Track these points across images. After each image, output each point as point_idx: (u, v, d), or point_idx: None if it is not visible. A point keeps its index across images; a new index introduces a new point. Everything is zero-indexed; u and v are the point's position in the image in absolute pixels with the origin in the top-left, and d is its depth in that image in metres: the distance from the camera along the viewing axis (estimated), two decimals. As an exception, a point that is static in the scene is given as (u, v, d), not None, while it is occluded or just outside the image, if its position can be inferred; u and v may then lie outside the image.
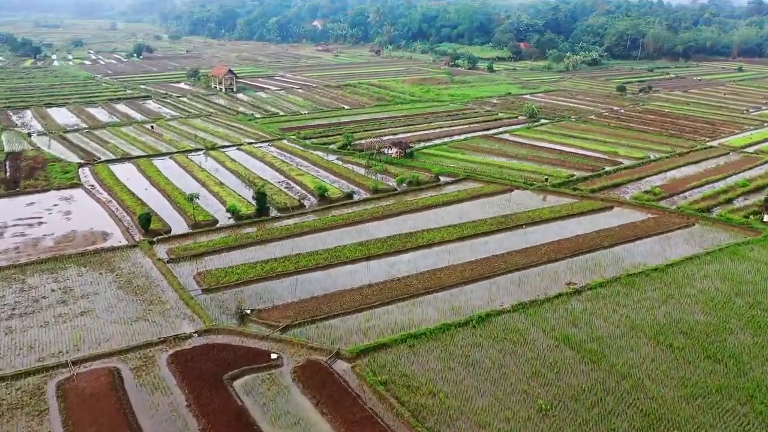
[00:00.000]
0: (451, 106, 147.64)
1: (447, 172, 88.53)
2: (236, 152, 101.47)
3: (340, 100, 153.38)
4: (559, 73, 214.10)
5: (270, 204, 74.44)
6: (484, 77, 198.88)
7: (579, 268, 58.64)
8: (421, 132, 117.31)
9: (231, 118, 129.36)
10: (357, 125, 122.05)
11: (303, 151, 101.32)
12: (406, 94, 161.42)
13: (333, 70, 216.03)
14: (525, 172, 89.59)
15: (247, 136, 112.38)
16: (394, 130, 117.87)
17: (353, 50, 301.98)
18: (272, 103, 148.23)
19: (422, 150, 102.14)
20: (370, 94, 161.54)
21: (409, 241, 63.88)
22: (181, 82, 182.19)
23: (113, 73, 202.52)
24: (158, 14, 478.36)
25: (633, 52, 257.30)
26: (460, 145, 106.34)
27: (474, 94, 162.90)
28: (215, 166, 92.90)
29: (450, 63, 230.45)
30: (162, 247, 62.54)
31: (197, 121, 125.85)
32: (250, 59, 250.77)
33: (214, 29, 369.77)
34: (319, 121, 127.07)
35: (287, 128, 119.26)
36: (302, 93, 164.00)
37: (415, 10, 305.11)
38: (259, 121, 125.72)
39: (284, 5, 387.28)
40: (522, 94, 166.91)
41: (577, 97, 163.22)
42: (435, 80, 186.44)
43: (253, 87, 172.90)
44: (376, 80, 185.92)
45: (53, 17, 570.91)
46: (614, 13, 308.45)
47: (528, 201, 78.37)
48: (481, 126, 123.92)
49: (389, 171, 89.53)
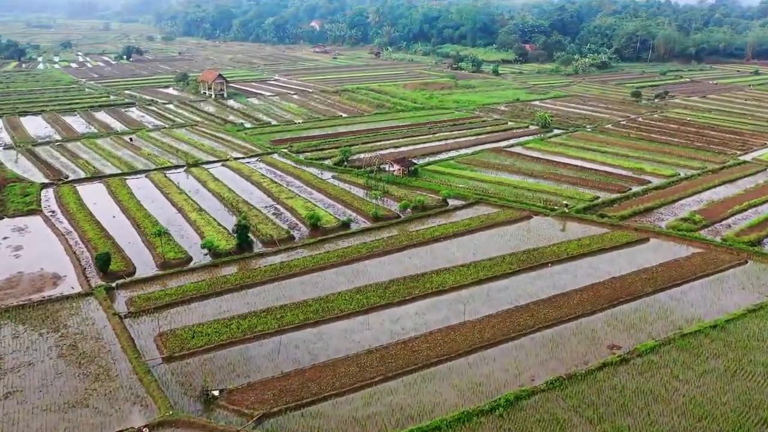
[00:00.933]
0: (456, 114, 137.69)
1: (456, 194, 78.63)
2: (221, 169, 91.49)
3: (337, 107, 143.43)
4: (567, 77, 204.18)
5: (254, 235, 64.61)
6: (490, 81, 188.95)
7: (620, 323, 48.72)
8: (426, 145, 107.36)
9: (219, 128, 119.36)
10: (355, 136, 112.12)
11: (295, 168, 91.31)
12: (408, 101, 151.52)
13: (330, 74, 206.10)
14: (543, 194, 79.68)
15: (234, 150, 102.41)
16: (396, 142, 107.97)
17: (352, 52, 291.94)
18: (264, 110, 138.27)
19: (427, 167, 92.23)
20: (370, 100, 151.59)
21: (415, 287, 53.93)
22: (169, 87, 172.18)
23: (99, 77, 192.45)
24: (153, 14, 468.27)
25: (643, 54, 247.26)
26: (468, 161, 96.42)
27: (480, 101, 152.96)
28: (196, 186, 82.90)
29: (453, 66, 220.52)
30: (122, 294, 52.59)
31: (181, 132, 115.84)
32: (244, 62, 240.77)
33: (209, 30, 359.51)
34: (314, 132, 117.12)
35: (279, 140, 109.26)
36: (297, 99, 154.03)
37: (416, 11, 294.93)
38: (249, 132, 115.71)
39: (281, 5, 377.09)
40: (531, 100, 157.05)
41: (589, 103, 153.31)
42: (438, 85, 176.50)
43: (246, 92, 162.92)
44: (375, 85, 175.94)
45: (47, 17, 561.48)
46: (621, 13, 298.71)
47: (550, 231, 68.44)
48: (491, 137, 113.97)
49: (391, 193, 79.64)
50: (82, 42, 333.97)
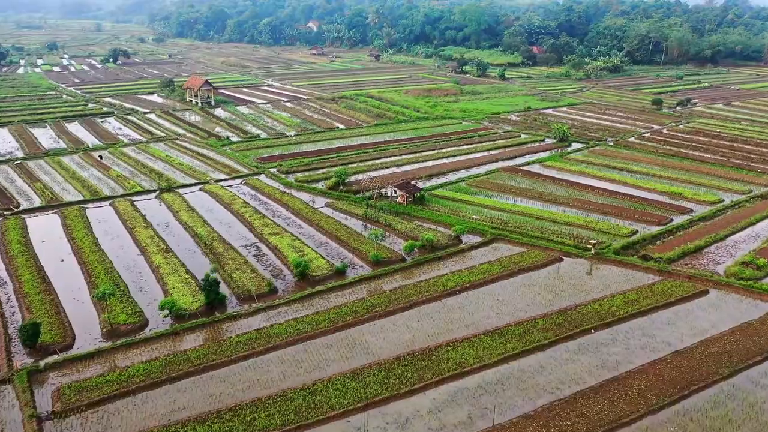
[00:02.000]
0: (463, 125, 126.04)
1: (471, 229, 67.03)
2: (198, 195, 79.81)
3: (333, 117, 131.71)
4: (578, 82, 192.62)
5: (228, 286, 53.06)
6: (497, 86, 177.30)
7: (698, 426, 37.14)
8: (432, 163, 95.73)
9: (201, 142, 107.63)
10: (352, 153, 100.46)
11: (283, 194, 79.56)
12: (410, 109, 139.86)
13: (327, 78, 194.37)
14: (571, 226, 68.25)
15: (216, 170, 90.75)
16: (398, 160, 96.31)
17: (350, 54, 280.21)
18: (254, 121, 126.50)
19: (434, 191, 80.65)
20: (369, 109, 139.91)
21: (427, 367, 42.30)
22: (154, 94, 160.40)
23: (81, 82, 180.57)
24: (147, 15, 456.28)
25: (656, 57, 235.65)
26: (481, 183, 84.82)
27: (488, 109, 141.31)
28: (166, 217, 71.21)
29: (457, 69, 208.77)
30: (51, 379, 41.00)
31: (159, 147, 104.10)
32: (236, 65, 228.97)
33: (202, 31, 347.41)
34: (308, 146, 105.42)
35: (267, 157, 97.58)
36: (290, 108, 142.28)
37: (417, 11, 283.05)
38: (235, 148, 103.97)
39: (278, 5, 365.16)
40: (543, 108, 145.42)
41: (607, 112, 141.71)
42: (442, 91, 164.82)
43: (235, 100, 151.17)
44: (375, 91, 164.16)
45: (39, 17, 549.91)
46: (630, 13, 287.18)
47: (586, 279, 56.83)
48: (504, 153, 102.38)
49: (393, 227, 68.05)
50: (71, 44, 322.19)
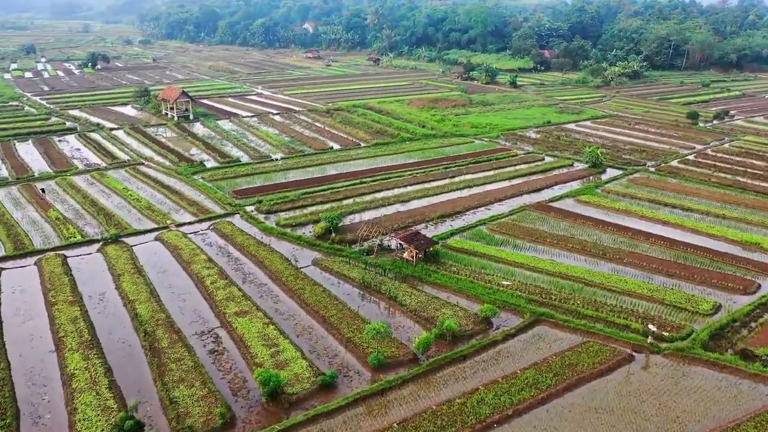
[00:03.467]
0: (476, 144, 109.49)
1: (502, 304, 50.54)
2: (152, 247, 63.24)
3: (327, 134, 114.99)
4: (596, 89, 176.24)
5: (166, 414, 36.62)
6: (509, 95, 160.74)
7: None
8: (443, 197, 79.18)
9: (170, 168, 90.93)
10: (348, 184, 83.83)
11: (259, 247, 62.83)
12: (415, 124, 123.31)
13: (322, 86, 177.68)
14: (631, 297, 52.26)
15: (180, 208, 74.13)
16: (403, 194, 79.70)
17: (348, 57, 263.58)
18: (236, 139, 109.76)
19: (449, 240, 64.23)
20: (368, 124, 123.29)
21: None
22: (128, 105, 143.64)
23: (50, 91, 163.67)
24: (137, 15, 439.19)
25: (676, 62, 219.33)
26: (506, 227, 68.33)
27: (503, 124, 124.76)
28: (104, 285, 54.61)
29: (463, 76, 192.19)
30: None
31: (118, 176, 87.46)
32: (225, 70, 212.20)
33: (192, 32, 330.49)
34: (295, 174, 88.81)
35: (246, 190, 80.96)
36: (279, 122, 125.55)
37: (419, 12, 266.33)
38: (209, 176, 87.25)
39: (272, 5, 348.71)
40: (564, 122, 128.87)
41: (637, 127, 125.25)
42: (449, 101, 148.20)
43: (218, 112, 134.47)
44: (375, 101, 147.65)
45: (28, 18, 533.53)
46: (643, 14, 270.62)
47: (673, 396, 40.33)
48: (527, 183, 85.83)
49: (401, 300, 51.57)
50: (54, 45, 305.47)
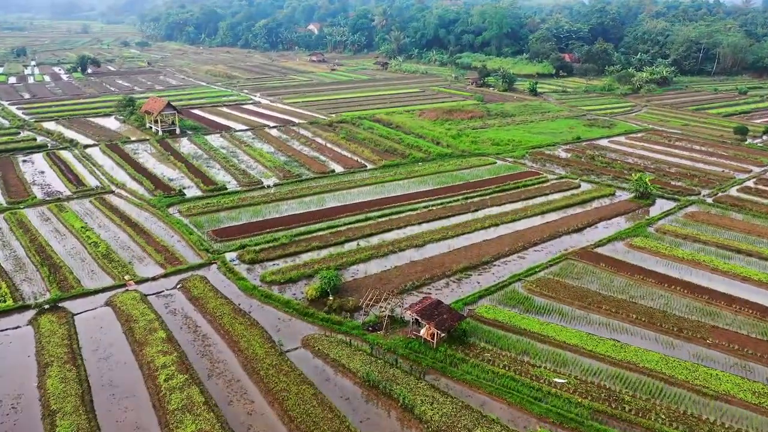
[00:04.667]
0: (499, 165, 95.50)
1: (555, 419, 36.70)
2: (100, 314, 49.70)
3: (328, 153, 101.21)
4: (623, 97, 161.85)
5: None
6: (530, 105, 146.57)
7: None
8: (466, 239, 65.33)
9: (143, 198, 77.32)
10: (350, 222, 70.00)
11: (235, 317, 49.18)
12: (428, 140, 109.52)
13: (326, 94, 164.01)
14: (729, 405, 38.48)
15: (146, 256, 60.52)
16: (416, 236, 65.79)
17: (354, 61, 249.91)
18: (224, 159, 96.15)
19: (478, 308, 50.36)
20: (375, 140, 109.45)
21: None
22: (112, 116, 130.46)
23: (30, 99, 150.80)
24: (138, 16, 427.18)
25: (706, 66, 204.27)
26: (547, 286, 54.48)
27: (527, 140, 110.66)
28: (19, 383, 40.99)
29: (478, 82, 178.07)
30: None
31: (80, 208, 73.95)
32: (223, 75, 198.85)
33: (192, 34, 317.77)
34: (288, 206, 75.02)
35: (228, 230, 67.31)
36: (275, 138, 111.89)
37: (430, 13, 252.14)
38: (186, 209, 73.58)
39: (276, 6, 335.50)
40: (596, 138, 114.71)
41: (678, 144, 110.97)
42: (465, 112, 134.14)
43: (209, 125, 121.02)
44: (383, 111, 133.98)
45: (28, 18, 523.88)
46: (666, 15, 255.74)
47: None
48: (565, 219, 71.78)
49: (417, 411, 37.76)
50: (48, 48, 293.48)
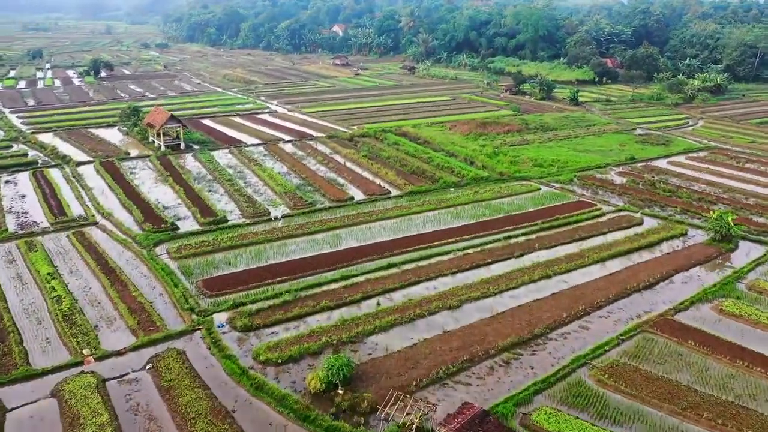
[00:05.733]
0: (544, 193, 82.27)
1: None
2: (39, 411, 38.14)
3: (347, 174, 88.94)
4: (674, 108, 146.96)
5: None
6: (571, 116, 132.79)
7: None
8: (510, 296, 52.58)
9: (128, 233, 66.05)
10: (370, 269, 57.72)
11: (213, 420, 37.27)
12: (460, 159, 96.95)
13: (348, 101, 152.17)
14: None
15: (117, 316, 49.04)
16: (450, 296, 53.19)
17: (380, 64, 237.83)
18: (230, 182, 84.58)
19: (536, 418, 37.65)
20: (401, 158, 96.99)
21: None
22: (115, 126, 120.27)
23: (34, 106, 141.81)
24: (161, 16, 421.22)
25: (763, 72, 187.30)
26: (623, 377, 41.55)
27: (573, 160, 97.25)
28: None
29: (513, 89, 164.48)
30: None
31: (55, 245, 62.83)
32: (241, 80, 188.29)
33: (214, 35, 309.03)
34: (297, 247, 62.94)
35: (222, 279, 55.49)
36: (289, 155, 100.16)
37: (460, 14, 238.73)
38: (175, 250, 61.92)
39: (300, 6, 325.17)
40: (652, 158, 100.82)
41: (748, 167, 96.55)
42: (500, 125, 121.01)
43: (218, 138, 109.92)
44: (410, 124, 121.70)
45: (56, 18, 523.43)
46: (713, 16, 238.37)
47: None
48: (632, 271, 58.55)
49: None
50: (67, 49, 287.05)
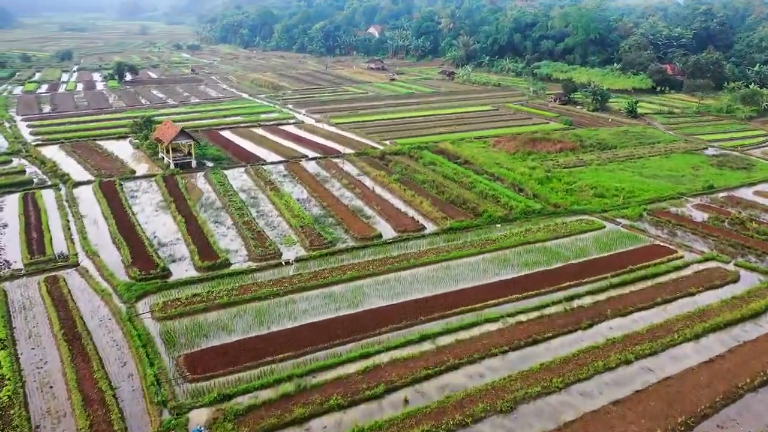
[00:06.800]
0: (609, 232, 68.46)
1: None
2: None
3: (376, 205, 76.33)
4: (747, 122, 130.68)
5: None
6: (631, 131, 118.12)
7: None
8: (578, 392, 39.42)
9: (109, 280, 55.23)
10: (398, 342, 45.30)
11: None
12: (507, 184, 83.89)
13: (381, 110, 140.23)
14: None
15: (62, 411, 37.74)
16: (500, 388, 40.28)
17: (417, 68, 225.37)
18: (239, 211, 73.14)
19: None
20: (438, 183, 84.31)
21: None
22: (128, 138, 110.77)
23: (49, 113, 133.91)
24: (197, 17, 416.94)
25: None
26: None
27: (640, 188, 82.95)
28: None
29: (562, 98, 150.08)
30: None
31: (20, 296, 52.04)
32: (269, 85, 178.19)
33: (247, 36, 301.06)
34: (308, 305, 50.91)
35: (206, 356, 43.74)
36: (311, 176, 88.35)
37: (504, 16, 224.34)
38: (161, 307, 50.45)
39: (336, 6, 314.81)
40: (733, 186, 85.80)
41: None
42: (551, 142, 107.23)
43: (235, 153, 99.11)
44: (449, 139, 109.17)
45: (96, 18, 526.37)
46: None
47: None
48: (739, 356, 44.64)
49: None
50: (99, 51, 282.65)
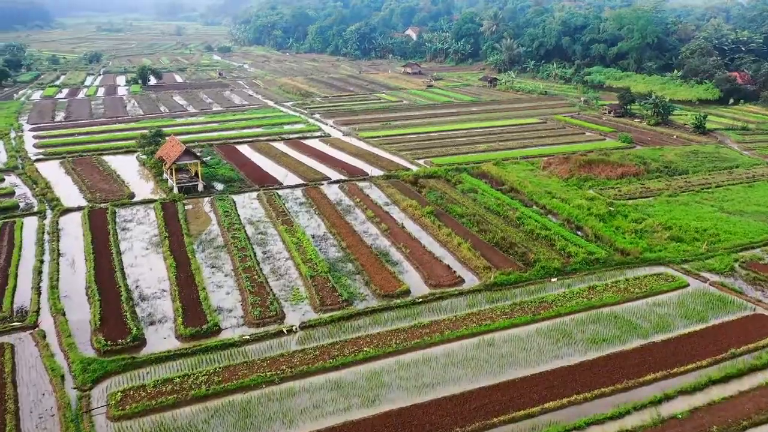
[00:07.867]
0: (694, 290, 54.44)
1: None
2: None
3: (405, 246, 63.68)
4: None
5: None
6: (701, 150, 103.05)
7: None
8: None
9: (67, 351, 44.21)
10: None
11: None
12: (561, 220, 70.57)
13: (416, 122, 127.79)
14: None
15: None
16: None
17: (456, 73, 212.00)
18: (244, 249, 61.70)
19: None
20: (479, 216, 71.43)
21: None
22: (137, 152, 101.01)
23: (62, 122, 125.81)
24: (231, 18, 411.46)
25: None
26: None
27: (725, 230, 68.39)
28: None
29: (618, 111, 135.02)
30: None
31: (-49, 375, 41.87)
32: (298, 90, 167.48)
33: (280, 38, 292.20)
34: (309, 401, 38.84)
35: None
36: (332, 205, 76.39)
37: (551, 17, 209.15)
38: (119, 396, 39.20)
39: (373, 7, 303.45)
40: (841, 228, 70.56)
41: None
42: (611, 165, 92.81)
43: (249, 174, 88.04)
44: (491, 158, 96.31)
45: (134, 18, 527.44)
46: None
47: None
48: None
49: None
50: (131, 52, 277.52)
